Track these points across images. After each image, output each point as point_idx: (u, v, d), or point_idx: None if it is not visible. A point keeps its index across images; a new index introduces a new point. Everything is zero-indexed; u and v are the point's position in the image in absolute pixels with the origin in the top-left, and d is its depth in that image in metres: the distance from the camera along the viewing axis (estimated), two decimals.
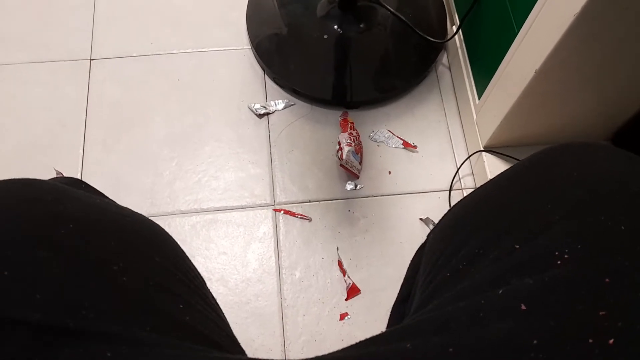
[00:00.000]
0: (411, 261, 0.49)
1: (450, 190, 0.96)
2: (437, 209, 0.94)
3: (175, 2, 1.14)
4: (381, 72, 1.07)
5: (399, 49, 1.09)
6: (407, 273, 0.49)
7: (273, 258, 0.90)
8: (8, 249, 0.29)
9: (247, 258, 0.90)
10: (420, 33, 1.05)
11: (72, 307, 0.28)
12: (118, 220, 0.37)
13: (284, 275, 0.89)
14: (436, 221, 0.92)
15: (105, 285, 0.31)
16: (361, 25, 1.08)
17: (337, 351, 0.31)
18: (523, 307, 0.26)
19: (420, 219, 0.93)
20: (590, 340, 0.24)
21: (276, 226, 0.93)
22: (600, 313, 0.25)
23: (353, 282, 0.88)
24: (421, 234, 0.92)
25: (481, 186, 0.40)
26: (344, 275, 0.89)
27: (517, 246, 0.30)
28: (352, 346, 0.32)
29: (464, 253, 0.34)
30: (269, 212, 0.94)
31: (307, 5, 1.10)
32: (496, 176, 0.39)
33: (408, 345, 0.28)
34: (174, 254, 0.40)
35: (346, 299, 0.87)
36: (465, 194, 0.95)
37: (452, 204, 0.94)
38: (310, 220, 0.93)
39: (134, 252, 0.35)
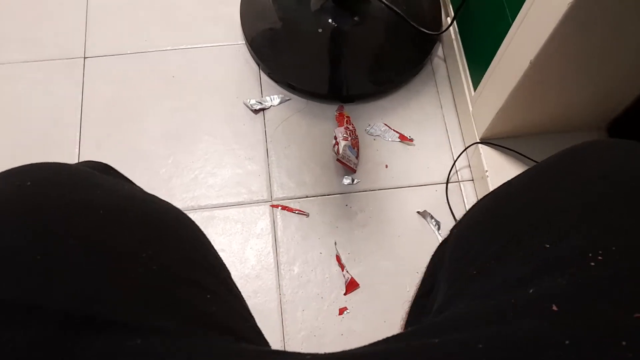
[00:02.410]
0: (433, 256, 0.48)
1: (447, 182, 0.96)
2: (435, 202, 0.94)
3: None
4: (376, 65, 1.07)
5: (393, 41, 1.09)
6: (428, 268, 0.48)
7: (271, 254, 0.90)
8: (41, 235, 0.29)
9: (246, 254, 0.90)
10: (415, 25, 1.04)
11: (101, 295, 0.28)
12: (146, 209, 0.37)
13: (282, 271, 0.89)
14: (434, 214, 0.92)
15: (133, 274, 0.31)
16: (355, 18, 1.07)
17: (366, 346, 0.31)
18: (555, 307, 0.26)
19: (418, 212, 0.93)
20: (624, 343, 0.23)
21: (274, 222, 0.93)
22: (635, 315, 0.24)
23: (351, 277, 0.88)
24: (419, 227, 0.92)
25: (505, 183, 0.39)
26: (343, 270, 0.89)
27: (547, 245, 0.30)
28: (380, 342, 0.32)
29: (491, 251, 0.33)
30: (266, 208, 0.94)
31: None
32: (520, 174, 0.39)
33: (437, 340, 0.28)
34: (200, 243, 0.40)
35: (345, 294, 0.87)
36: (462, 187, 0.95)
37: (450, 196, 0.94)
38: (307, 215, 0.93)
39: (161, 241, 0.35)
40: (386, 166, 0.97)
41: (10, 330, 0.25)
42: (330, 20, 1.06)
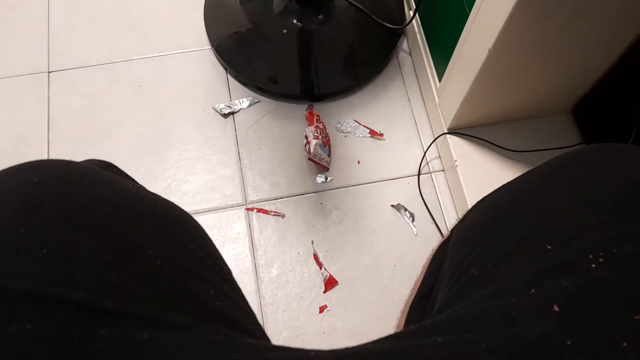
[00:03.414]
0: (433, 256, 0.48)
1: (418, 174, 0.96)
2: (408, 195, 0.95)
3: (131, 9, 1.13)
4: (344, 62, 1.07)
5: (359, 38, 1.09)
6: (428, 268, 0.47)
7: (249, 257, 0.90)
8: (49, 228, 0.29)
9: None
10: (379, 20, 1.05)
11: (111, 288, 0.29)
12: (151, 206, 0.37)
13: (261, 274, 0.89)
14: (407, 207, 0.93)
15: (141, 268, 0.31)
16: (320, 17, 1.08)
17: (368, 343, 0.31)
18: (556, 308, 0.26)
19: (392, 206, 0.94)
20: (625, 344, 0.24)
21: (250, 225, 0.93)
22: (635, 317, 0.24)
23: (330, 274, 0.88)
24: (394, 220, 0.93)
25: (510, 182, 0.39)
26: (321, 268, 0.89)
27: (550, 247, 0.30)
28: (382, 339, 0.32)
29: (494, 252, 0.33)
30: (241, 212, 0.94)
31: (265, 1, 1.10)
32: (526, 173, 0.38)
33: (439, 339, 0.28)
34: (203, 241, 0.40)
35: (324, 292, 0.87)
36: (434, 178, 0.96)
37: (422, 188, 0.95)
38: (283, 216, 0.93)
39: (167, 237, 0.35)
40: (358, 162, 0.98)
41: (25, 321, 0.25)
42: (294, 21, 1.07)
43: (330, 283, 0.88)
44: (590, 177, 0.33)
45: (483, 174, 0.88)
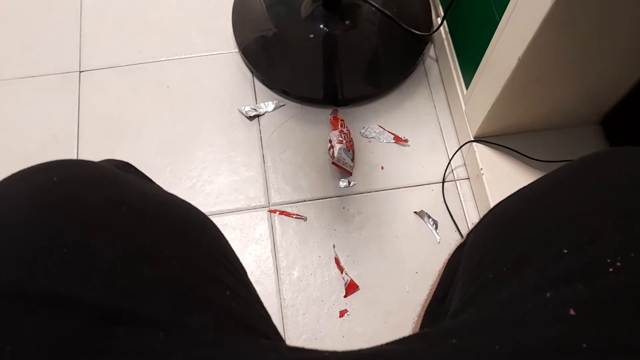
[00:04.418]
0: (448, 261, 0.48)
1: (443, 182, 0.96)
2: (431, 202, 0.94)
3: (161, 11, 1.15)
4: (369, 68, 1.07)
5: (385, 44, 1.09)
6: (444, 273, 0.48)
7: (270, 259, 0.91)
8: (65, 231, 0.30)
9: (245, 260, 0.90)
10: (406, 27, 1.05)
11: (127, 289, 0.29)
12: (167, 207, 0.37)
13: (282, 276, 0.89)
14: (431, 214, 0.93)
15: (157, 270, 0.31)
16: (346, 22, 1.08)
17: (383, 344, 0.31)
18: (572, 312, 0.26)
19: (415, 213, 0.94)
20: None
21: (272, 227, 0.93)
22: None
23: (351, 279, 0.88)
24: (416, 227, 0.93)
25: (524, 187, 0.39)
26: (342, 272, 0.89)
27: (566, 251, 0.30)
28: (397, 341, 0.32)
29: (508, 256, 0.33)
30: (264, 214, 0.94)
31: (292, 6, 1.10)
32: (541, 178, 0.38)
33: (454, 341, 0.28)
34: (219, 241, 0.41)
35: (345, 296, 0.87)
36: (458, 185, 0.96)
37: (446, 195, 0.95)
38: (305, 219, 0.94)
39: (183, 239, 0.35)
40: (382, 168, 0.98)
41: (42, 323, 0.25)
42: (321, 26, 1.07)
43: (351, 288, 0.88)
44: (606, 180, 0.33)
45: (509, 183, 0.87)
